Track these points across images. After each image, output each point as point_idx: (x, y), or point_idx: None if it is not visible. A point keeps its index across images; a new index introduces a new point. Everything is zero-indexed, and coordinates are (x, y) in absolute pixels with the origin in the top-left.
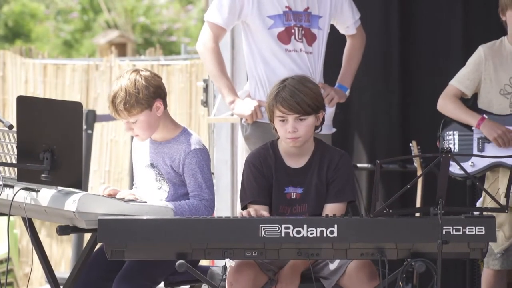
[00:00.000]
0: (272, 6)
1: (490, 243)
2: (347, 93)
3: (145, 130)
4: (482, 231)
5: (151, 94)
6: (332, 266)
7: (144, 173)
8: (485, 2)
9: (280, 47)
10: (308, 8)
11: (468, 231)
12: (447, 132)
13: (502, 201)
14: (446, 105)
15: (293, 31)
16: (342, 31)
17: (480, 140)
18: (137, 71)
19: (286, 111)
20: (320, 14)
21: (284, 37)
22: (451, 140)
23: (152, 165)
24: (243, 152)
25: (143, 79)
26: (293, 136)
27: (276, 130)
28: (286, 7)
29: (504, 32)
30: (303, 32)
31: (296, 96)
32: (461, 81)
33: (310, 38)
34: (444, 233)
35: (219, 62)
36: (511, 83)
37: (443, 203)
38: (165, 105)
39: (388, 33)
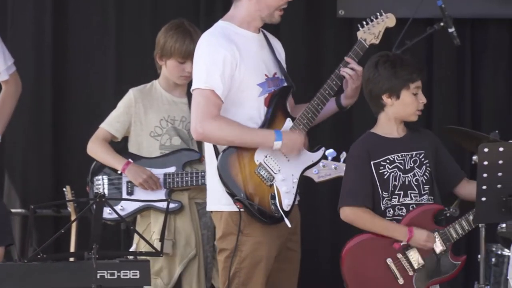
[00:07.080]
0: None
1: None
2: None
3: None
4: (137, 275)
5: None
6: None
7: None
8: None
9: None
10: None
11: (123, 275)
12: (97, 177)
13: (156, 245)
14: (94, 148)
15: None
16: None
17: (129, 184)
18: None
19: None
20: None
21: None
22: (101, 185)
23: None
24: None
25: None
26: None
27: None
28: None
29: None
30: None
31: None
32: (111, 123)
33: None
34: (98, 277)
35: None
36: (161, 125)
37: (97, 247)
38: None
39: (40, 74)
